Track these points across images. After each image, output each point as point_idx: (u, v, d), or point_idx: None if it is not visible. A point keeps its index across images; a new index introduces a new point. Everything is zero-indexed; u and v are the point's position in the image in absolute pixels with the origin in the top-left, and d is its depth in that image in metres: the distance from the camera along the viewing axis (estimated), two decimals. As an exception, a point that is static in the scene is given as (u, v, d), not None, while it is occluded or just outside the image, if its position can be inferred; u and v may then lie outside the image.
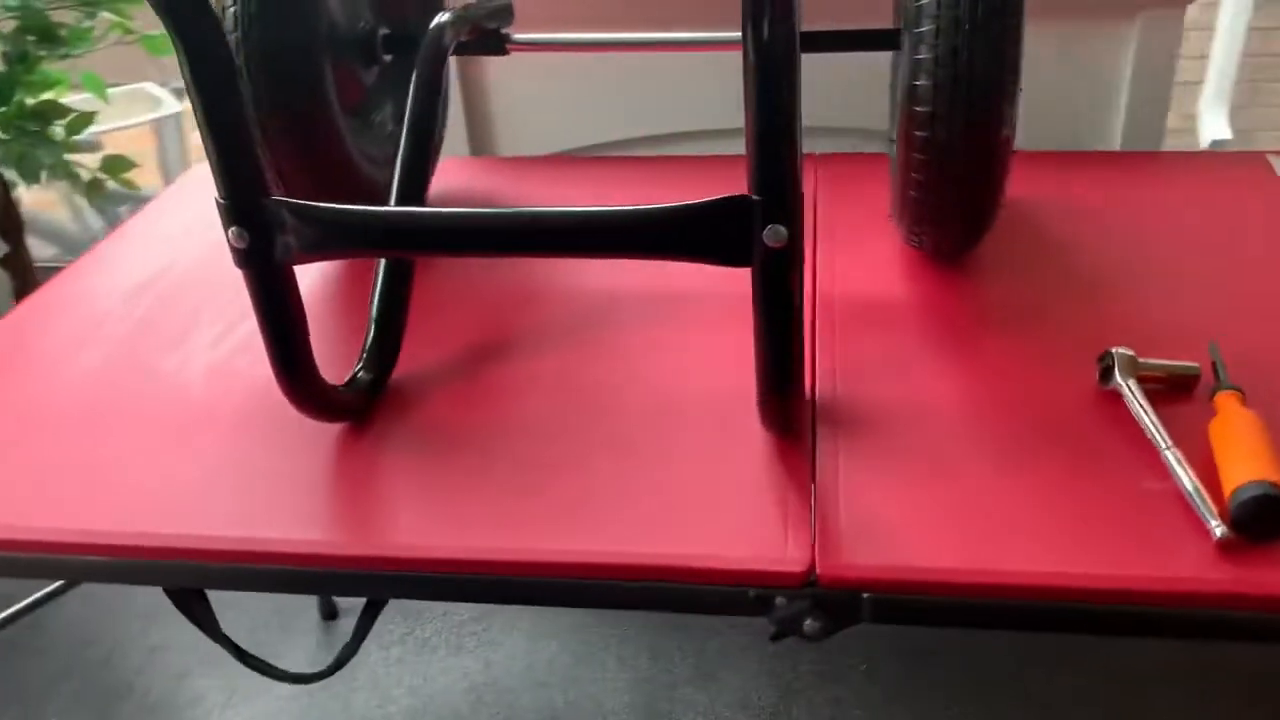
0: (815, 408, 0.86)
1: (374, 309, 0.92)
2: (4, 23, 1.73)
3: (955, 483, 0.78)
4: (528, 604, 0.78)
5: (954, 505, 0.76)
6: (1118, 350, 0.85)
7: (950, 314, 0.98)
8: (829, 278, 1.04)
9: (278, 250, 0.74)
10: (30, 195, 2.12)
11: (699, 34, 1.11)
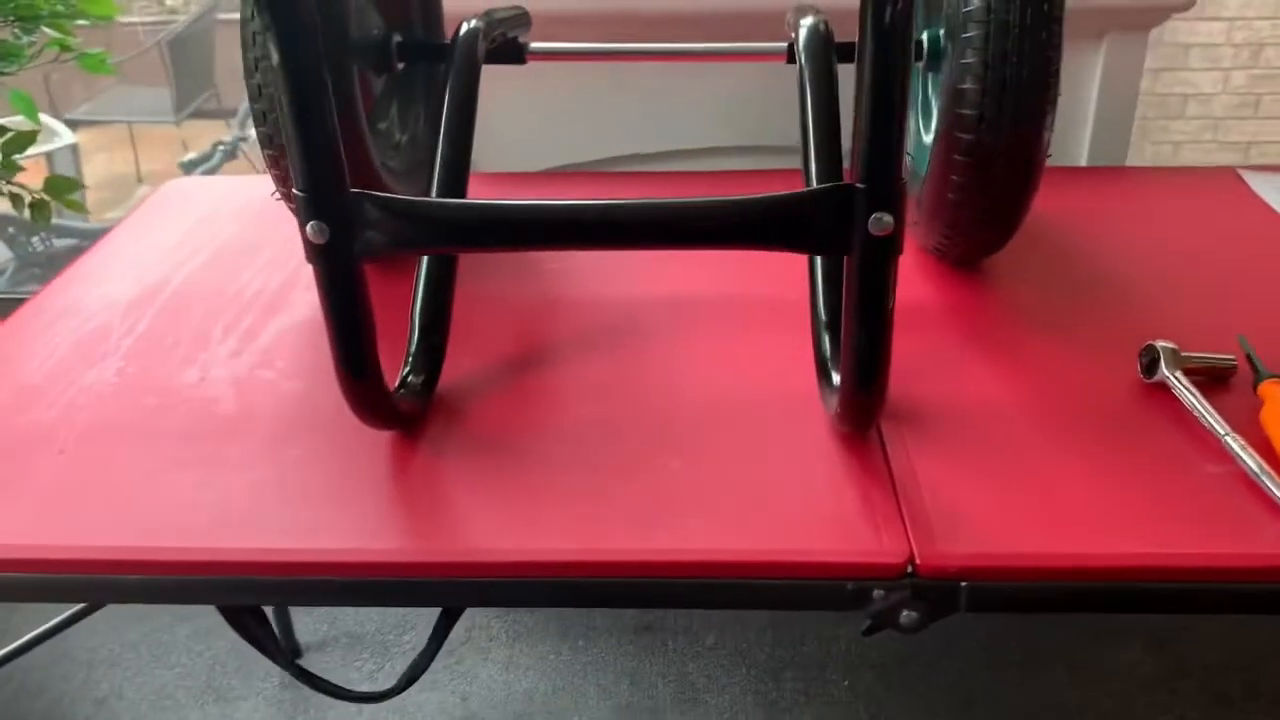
0: (873, 405, 0.87)
1: (417, 312, 0.89)
2: (-65, 38, 1.65)
3: (1026, 471, 0.79)
4: (610, 606, 0.76)
5: (1030, 493, 0.77)
6: (1161, 344, 0.88)
7: (979, 317, 1.01)
8: (854, 284, 1.05)
9: (357, 246, 0.71)
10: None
11: (716, 45, 1.12)
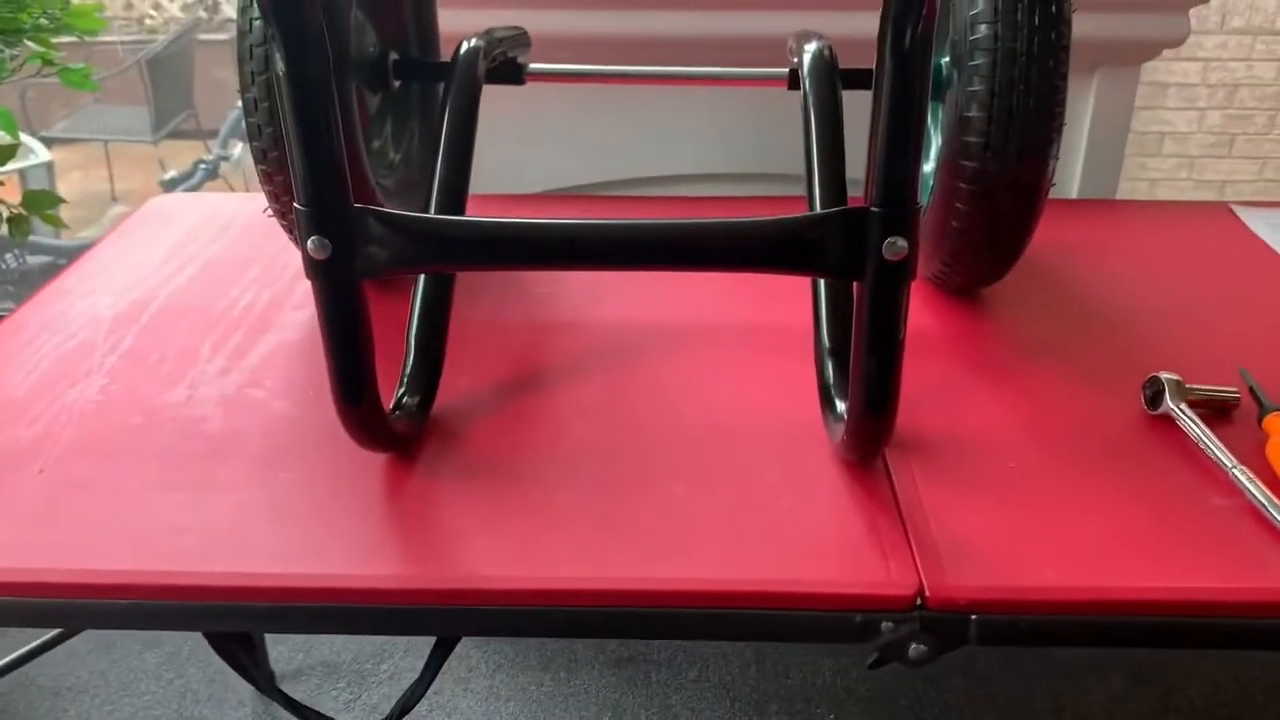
0: (876, 434, 0.86)
1: (413, 332, 0.87)
2: (-86, 49, 1.62)
3: (1032, 502, 0.78)
4: (615, 636, 0.74)
5: (1037, 524, 0.76)
6: (1166, 375, 0.87)
7: (981, 346, 1.00)
8: (853, 312, 1.04)
9: (359, 262, 0.69)
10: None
11: (720, 69, 1.11)
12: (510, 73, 1.07)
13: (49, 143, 3.93)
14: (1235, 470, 0.79)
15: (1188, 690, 1.57)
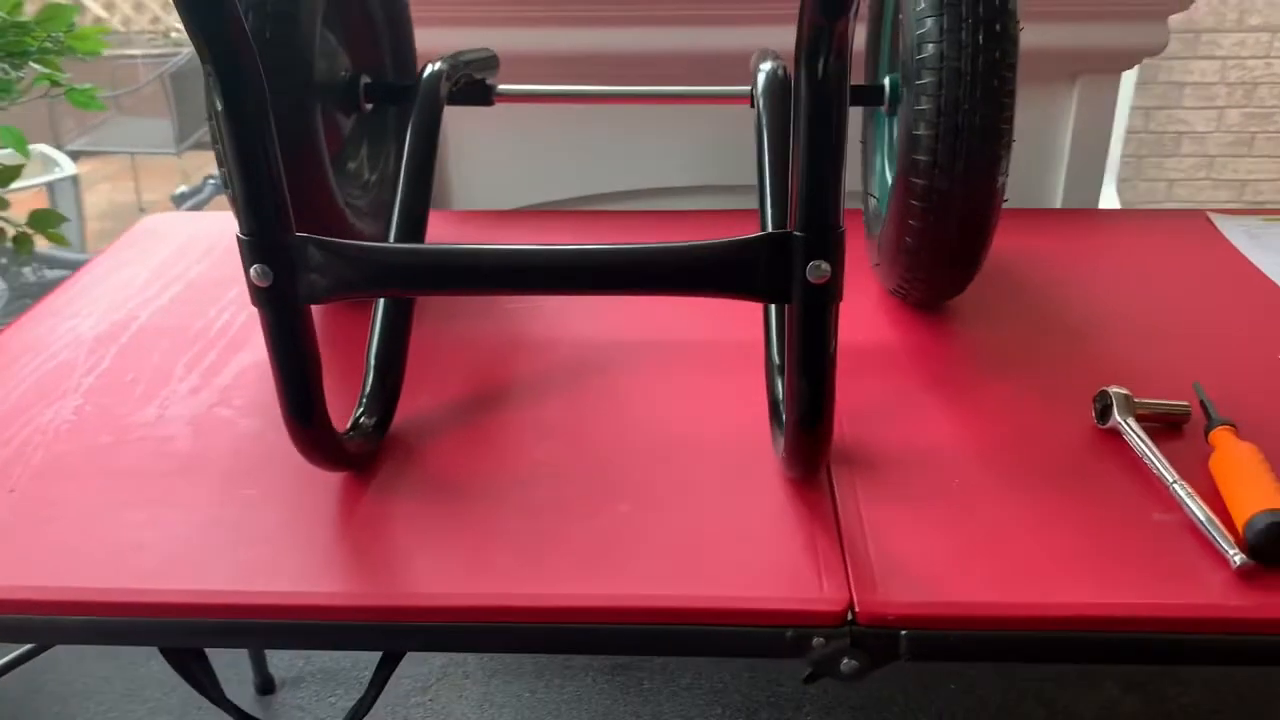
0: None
1: (372, 354, 0.90)
2: (-77, 72, 1.66)
3: (973, 519, 0.79)
4: (554, 652, 0.75)
5: (976, 541, 0.77)
6: (1114, 389, 0.88)
7: (940, 359, 1.01)
8: (816, 326, 1.06)
9: (301, 289, 0.71)
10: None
11: (682, 89, 1.13)
12: (479, 94, 1.09)
13: (76, 156, 4.01)
14: (1175, 485, 0.79)
15: (1181, 698, 1.56)
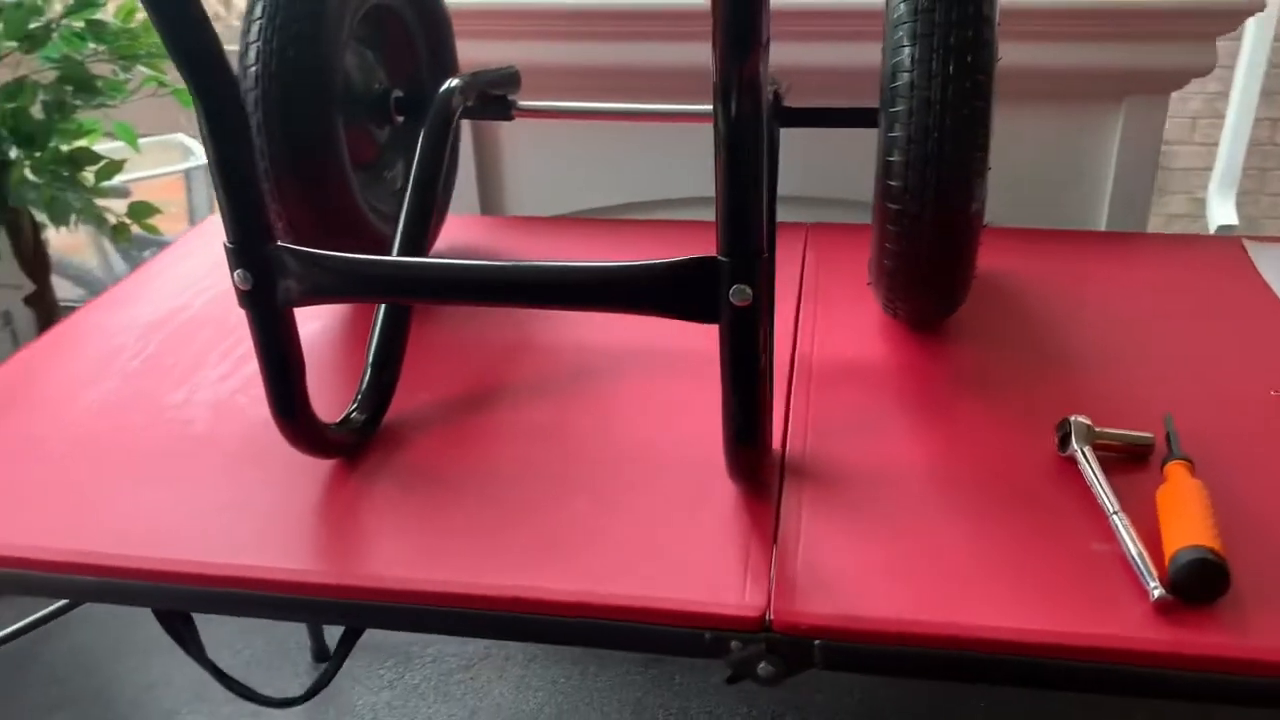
0: (785, 462, 0.90)
1: (371, 353, 0.97)
2: (45, 73, 1.82)
3: (912, 539, 0.82)
4: (494, 638, 0.81)
5: (909, 560, 0.80)
6: (1075, 418, 0.89)
7: (922, 378, 1.02)
8: (809, 340, 1.09)
9: (279, 293, 0.79)
10: (60, 239, 2.19)
11: (697, 106, 1.17)
12: (499, 109, 1.16)
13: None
14: (1115, 516, 0.80)
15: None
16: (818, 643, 0.74)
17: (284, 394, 0.84)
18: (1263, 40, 2.83)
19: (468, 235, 1.39)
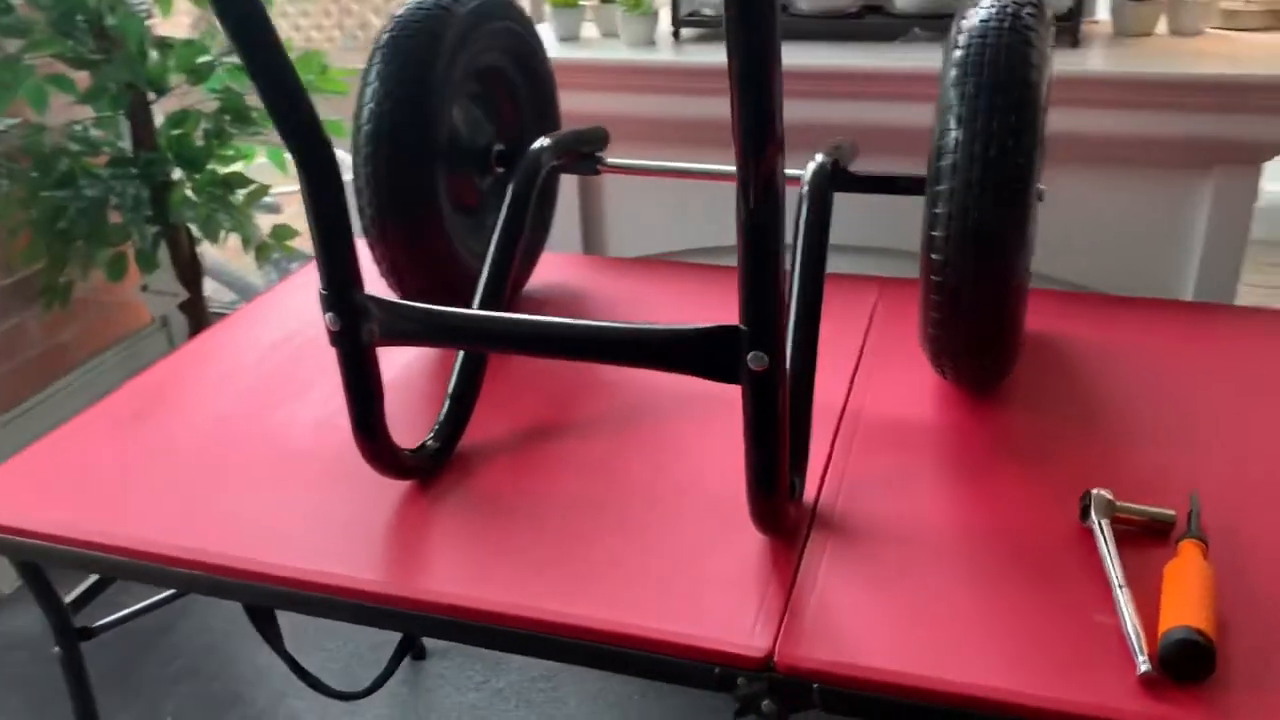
0: (816, 511, 0.96)
1: (451, 385, 1.07)
2: (207, 103, 2.01)
3: (923, 595, 0.87)
4: (531, 655, 0.89)
5: (915, 614, 0.85)
6: (1096, 491, 0.92)
7: (964, 440, 1.07)
8: (862, 394, 1.14)
9: (363, 335, 0.90)
10: (219, 248, 2.38)
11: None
12: (586, 165, 1.25)
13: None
14: (1119, 590, 0.84)
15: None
16: (816, 686, 0.80)
17: (365, 420, 0.95)
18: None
19: (564, 273, 1.49)
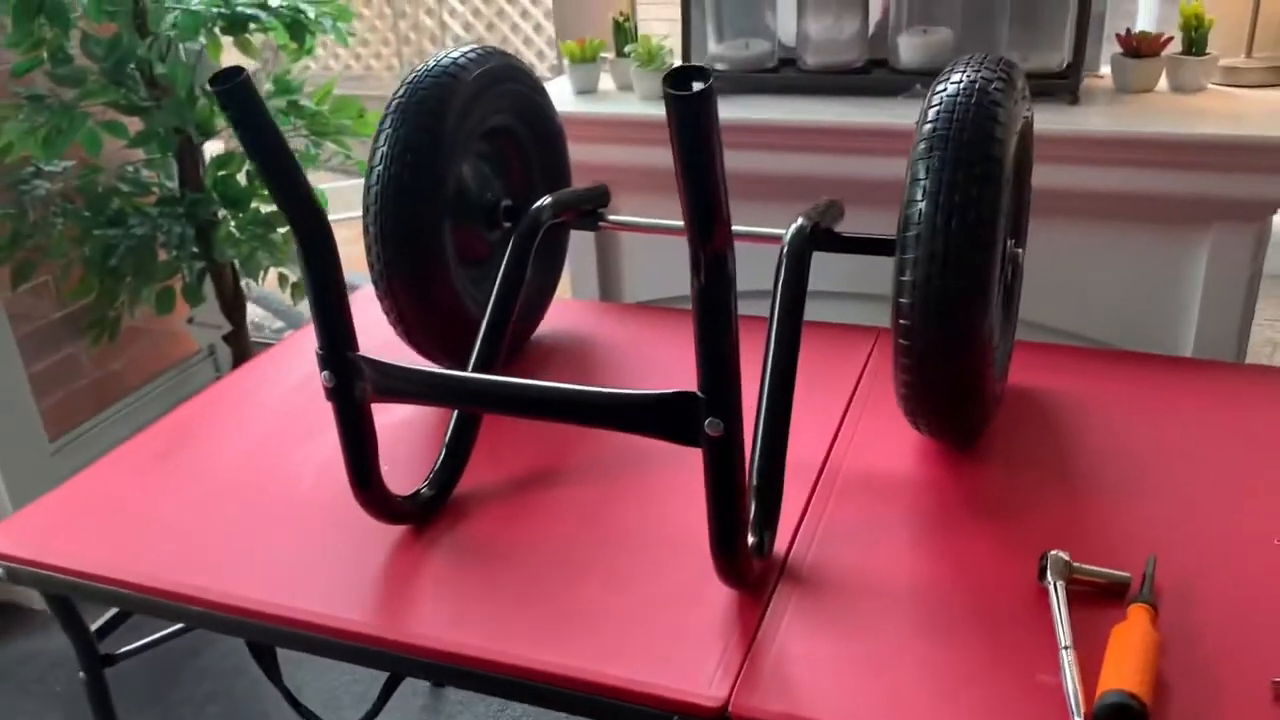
0: (785, 564, 1.01)
1: (447, 437, 1.13)
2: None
3: (880, 649, 0.90)
4: (504, 698, 0.94)
5: (871, 669, 0.89)
6: (1054, 553, 0.95)
7: (938, 496, 1.10)
8: (845, 447, 1.18)
9: (357, 392, 0.96)
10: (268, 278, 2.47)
11: (756, 229, 1.27)
12: (589, 222, 1.31)
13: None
14: (1064, 650, 0.87)
15: None
16: (769, 736, 0.85)
17: (359, 470, 1.01)
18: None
19: (576, 320, 1.55)
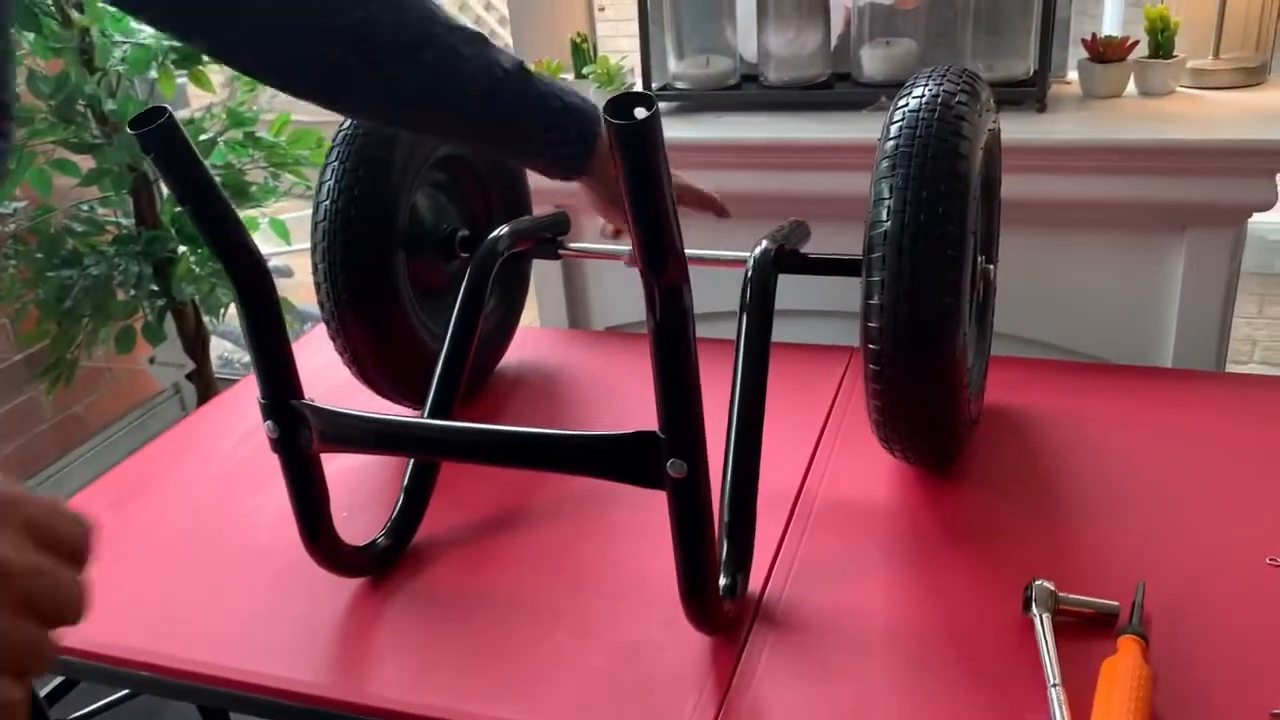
0: (761, 603, 0.96)
1: (405, 480, 1.08)
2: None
3: (859, 694, 0.86)
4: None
5: (846, 708, 0.85)
6: (1038, 583, 0.91)
7: (915, 524, 1.06)
8: (819, 475, 1.14)
9: (301, 441, 0.91)
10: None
11: (721, 253, 1.24)
12: (548, 250, 1.27)
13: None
14: (1052, 688, 0.83)
15: None
16: (740, 787, 0.80)
17: (309, 523, 0.96)
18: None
19: (542, 349, 1.51)
